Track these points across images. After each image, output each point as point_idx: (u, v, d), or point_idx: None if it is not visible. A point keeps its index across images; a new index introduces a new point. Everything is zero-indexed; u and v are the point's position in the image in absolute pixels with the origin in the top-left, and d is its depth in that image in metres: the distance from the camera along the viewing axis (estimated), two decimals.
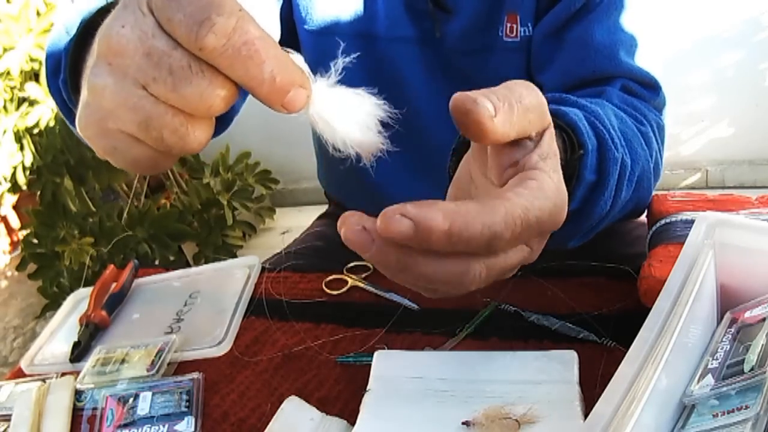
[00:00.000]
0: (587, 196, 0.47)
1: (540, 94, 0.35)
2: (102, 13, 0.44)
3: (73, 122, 0.57)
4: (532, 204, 0.31)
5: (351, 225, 0.30)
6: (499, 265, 0.33)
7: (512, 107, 0.32)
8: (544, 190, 0.32)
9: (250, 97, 0.32)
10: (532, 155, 0.34)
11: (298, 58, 0.32)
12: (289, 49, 0.32)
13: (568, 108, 0.47)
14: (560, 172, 0.35)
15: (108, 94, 0.30)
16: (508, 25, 0.65)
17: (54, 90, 0.54)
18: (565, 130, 0.45)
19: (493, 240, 0.30)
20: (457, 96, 0.32)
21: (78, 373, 0.60)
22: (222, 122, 0.68)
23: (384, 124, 0.37)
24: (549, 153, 0.35)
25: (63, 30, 0.52)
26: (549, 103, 0.50)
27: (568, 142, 0.44)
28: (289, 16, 0.73)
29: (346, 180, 0.86)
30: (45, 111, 1.51)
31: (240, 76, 0.29)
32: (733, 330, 0.39)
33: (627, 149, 0.51)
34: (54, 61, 0.53)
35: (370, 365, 0.51)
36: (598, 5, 0.61)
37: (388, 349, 0.54)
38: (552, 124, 0.36)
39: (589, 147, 0.45)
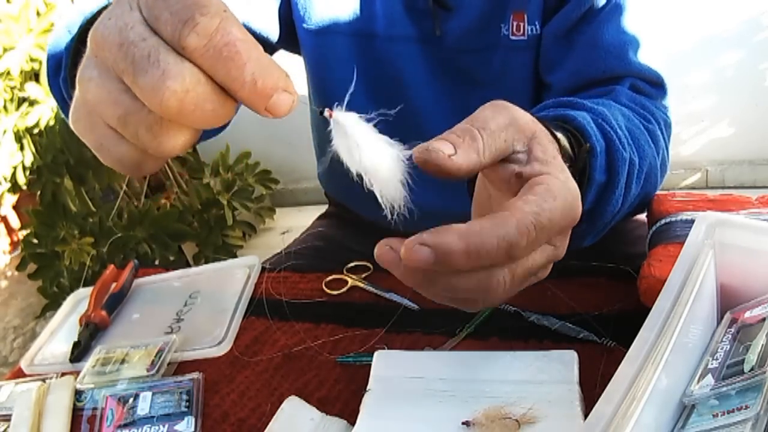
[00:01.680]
0: (599, 196, 0.48)
1: (511, 111, 0.36)
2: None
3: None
4: (542, 207, 0.32)
5: (381, 246, 0.34)
6: (524, 269, 0.34)
7: (475, 137, 0.34)
8: (552, 192, 0.33)
9: None
10: (533, 165, 0.36)
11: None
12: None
13: (575, 112, 0.48)
14: (567, 171, 0.36)
15: (93, 87, 0.30)
16: (515, 23, 0.65)
17: (55, 89, 0.54)
18: (574, 134, 0.46)
19: (511, 249, 0.31)
20: (415, 151, 0.34)
21: (78, 373, 0.60)
22: None
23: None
24: (547, 157, 0.36)
25: (65, 30, 0.53)
26: (556, 107, 0.51)
27: (576, 145, 0.45)
28: (288, 15, 0.73)
29: (345, 180, 0.86)
30: (45, 111, 1.51)
31: (221, 78, 0.28)
32: (733, 330, 0.39)
33: (635, 147, 0.52)
34: (55, 60, 0.53)
35: (370, 365, 0.51)
36: (607, 6, 0.61)
37: (388, 349, 0.54)
38: (538, 131, 0.37)
39: (597, 149, 0.46)
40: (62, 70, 0.49)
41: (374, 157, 0.34)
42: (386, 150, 0.35)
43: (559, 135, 0.42)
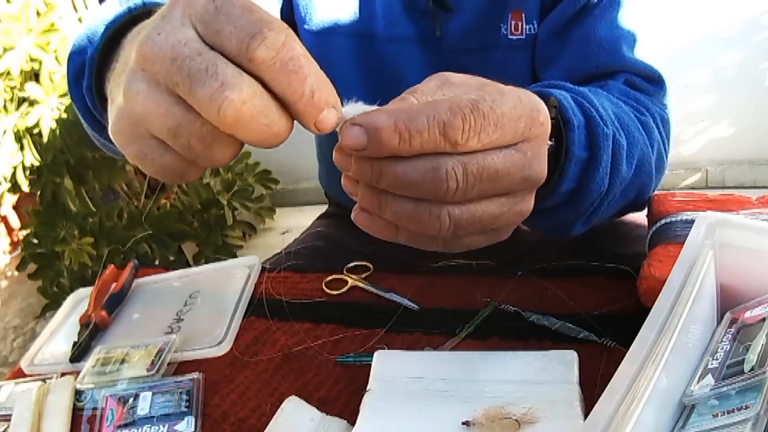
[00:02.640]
0: (582, 173, 0.47)
1: (444, 75, 0.37)
2: (127, 23, 0.46)
3: (94, 128, 0.57)
4: (482, 97, 0.32)
5: (336, 153, 0.34)
6: (479, 166, 0.33)
7: (404, 98, 0.35)
8: (499, 89, 0.34)
9: None
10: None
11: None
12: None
13: (554, 90, 0.47)
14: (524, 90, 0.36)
15: (141, 100, 0.31)
16: (513, 22, 0.65)
17: (76, 96, 0.55)
18: (551, 109, 0.44)
19: (447, 131, 0.31)
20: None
21: (78, 373, 0.60)
22: None
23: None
24: (504, 89, 0.36)
25: (85, 37, 0.53)
26: (537, 87, 0.50)
27: (554, 121, 0.43)
28: (290, 15, 0.73)
29: None
30: (45, 111, 1.51)
31: (283, 89, 0.30)
32: (733, 330, 0.39)
33: (621, 130, 0.51)
34: (75, 68, 0.53)
35: (370, 365, 0.51)
36: (600, 2, 0.61)
37: (388, 349, 0.54)
38: (490, 82, 0.38)
39: (575, 123, 0.45)
40: (85, 79, 0.50)
41: None
42: None
43: None
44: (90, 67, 0.49)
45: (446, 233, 0.34)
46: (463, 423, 0.43)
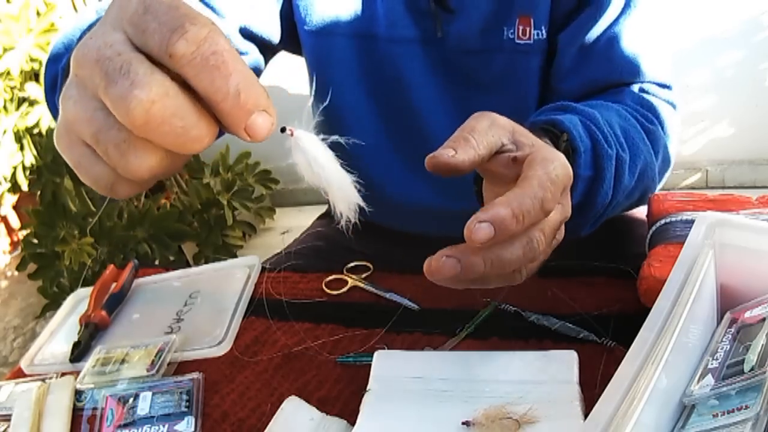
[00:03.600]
0: (587, 189, 0.54)
1: (490, 116, 0.43)
2: None
3: None
4: (547, 168, 0.39)
5: (436, 259, 0.39)
6: (549, 226, 0.40)
7: (467, 138, 0.41)
8: (547, 157, 0.40)
9: None
10: (522, 148, 0.43)
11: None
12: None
13: (564, 116, 0.54)
14: (550, 145, 0.45)
15: (71, 105, 0.30)
16: (521, 27, 0.65)
17: (51, 105, 0.55)
18: (559, 135, 0.52)
19: (544, 204, 0.38)
20: (426, 161, 0.41)
21: (78, 373, 0.60)
22: None
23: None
24: (531, 140, 0.43)
25: (62, 46, 0.53)
26: (550, 111, 0.57)
27: (563, 146, 0.52)
28: (290, 16, 0.73)
29: None
30: (45, 111, 1.51)
31: (205, 87, 0.28)
32: (733, 330, 0.39)
33: (626, 144, 0.57)
34: (51, 77, 0.54)
35: (370, 365, 0.51)
36: (621, 17, 0.63)
37: (388, 349, 0.54)
38: (516, 126, 0.44)
39: (581, 149, 0.51)
40: (57, 89, 0.50)
41: (331, 174, 0.37)
42: (340, 169, 0.38)
43: (541, 136, 0.49)
44: (62, 77, 0.49)
45: (520, 280, 0.42)
46: (463, 423, 0.43)
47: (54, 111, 0.55)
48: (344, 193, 0.38)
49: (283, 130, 0.34)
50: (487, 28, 0.66)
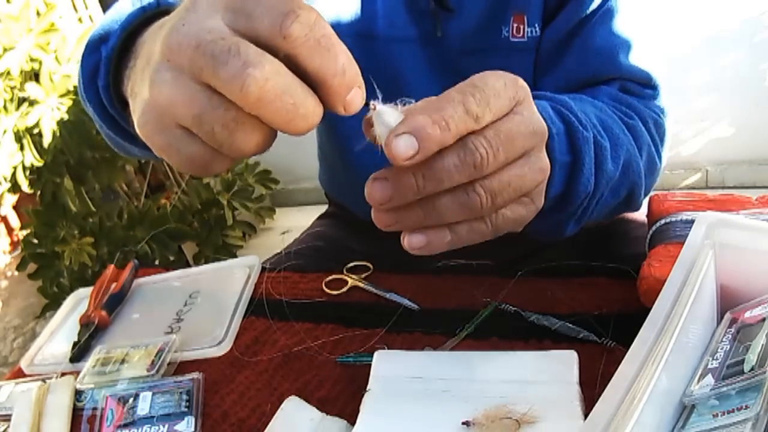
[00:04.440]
0: (567, 177, 0.49)
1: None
2: (142, 22, 0.46)
3: (109, 125, 0.58)
4: (473, 79, 0.37)
5: (367, 184, 0.37)
6: (496, 131, 0.36)
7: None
8: (482, 73, 0.38)
9: None
10: None
11: None
12: None
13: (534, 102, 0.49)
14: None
15: (166, 89, 0.31)
16: (515, 25, 0.65)
17: (92, 95, 0.55)
18: None
19: (468, 107, 0.35)
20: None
21: (78, 373, 0.60)
22: None
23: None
24: None
25: (98, 38, 0.53)
26: None
27: None
28: None
29: (346, 181, 0.86)
30: (45, 111, 1.51)
31: (316, 66, 0.30)
32: (733, 330, 0.39)
33: (604, 132, 0.52)
34: (90, 68, 0.54)
35: (370, 365, 0.51)
36: (599, 10, 0.62)
37: (388, 349, 0.54)
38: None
39: (554, 131, 0.46)
40: (101, 78, 0.50)
41: None
42: None
43: None
44: (106, 66, 0.49)
45: (487, 207, 0.37)
46: (463, 423, 0.43)
47: (93, 98, 0.54)
48: None
49: (366, 104, 0.35)
50: (485, 26, 0.66)
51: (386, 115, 0.35)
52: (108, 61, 0.48)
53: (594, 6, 0.62)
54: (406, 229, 0.39)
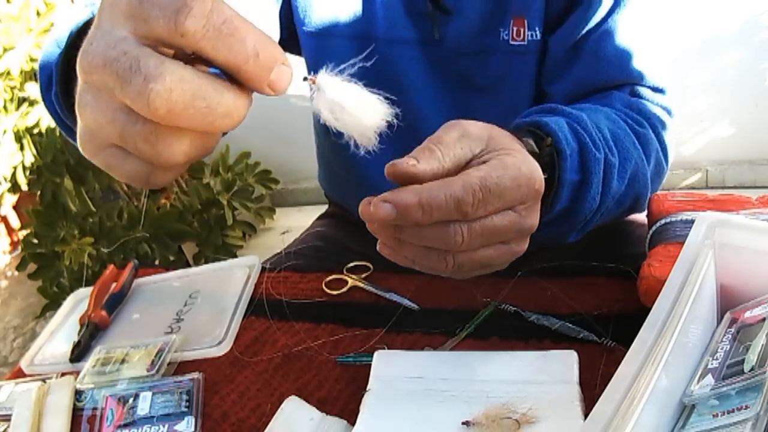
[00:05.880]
0: (574, 195, 0.52)
1: (461, 125, 0.43)
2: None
3: (68, 133, 0.57)
4: (489, 173, 0.39)
5: (364, 203, 0.40)
6: (483, 226, 0.40)
7: (432, 150, 0.40)
8: (502, 162, 0.40)
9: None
10: (490, 154, 0.42)
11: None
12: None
13: (550, 117, 0.52)
14: (525, 153, 0.43)
15: (89, 112, 0.31)
16: (515, 28, 0.65)
17: (48, 103, 0.55)
18: (543, 137, 0.50)
19: (460, 205, 0.38)
20: (387, 168, 0.40)
21: (78, 373, 0.60)
22: None
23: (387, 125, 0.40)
24: (504, 146, 0.42)
25: (54, 44, 0.53)
26: (537, 113, 0.56)
27: (547, 150, 0.50)
28: (289, 17, 0.73)
29: (345, 182, 0.86)
30: (45, 111, 1.51)
31: (225, 56, 0.29)
32: (733, 330, 0.39)
33: (615, 148, 0.55)
34: (46, 75, 0.53)
35: (370, 365, 0.51)
36: (609, 17, 0.62)
37: (388, 349, 0.54)
38: (494, 132, 0.44)
39: (567, 152, 0.49)
40: (53, 85, 0.50)
41: (355, 110, 0.37)
42: (368, 100, 0.39)
43: (526, 139, 0.49)
44: (56, 75, 0.49)
45: (450, 271, 0.42)
46: (463, 423, 0.43)
47: (50, 107, 0.54)
48: (372, 120, 0.38)
49: (305, 79, 0.35)
50: (483, 29, 0.66)
51: (328, 91, 0.35)
52: (57, 69, 0.48)
53: (603, 12, 0.62)
54: (381, 241, 0.43)
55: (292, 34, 0.74)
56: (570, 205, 0.52)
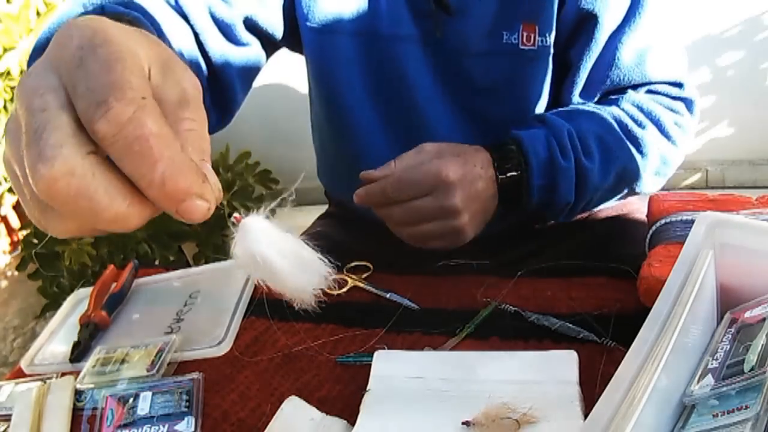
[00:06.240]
0: (543, 194, 0.63)
1: (422, 146, 0.61)
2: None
3: None
4: (404, 171, 0.58)
5: (358, 193, 0.61)
6: (408, 207, 0.58)
7: (389, 163, 0.60)
8: (418, 164, 0.58)
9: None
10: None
11: (207, 169, 0.29)
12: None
13: (528, 131, 0.64)
14: (454, 159, 0.59)
15: (7, 143, 0.29)
16: (525, 33, 0.66)
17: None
18: (517, 148, 0.63)
19: (384, 193, 0.59)
20: (361, 175, 0.61)
21: (78, 373, 0.60)
22: (223, 112, 0.67)
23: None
24: (438, 155, 0.60)
25: (45, 41, 0.53)
26: (531, 121, 0.68)
27: (518, 155, 0.62)
28: (292, 12, 0.73)
29: (346, 179, 0.86)
30: None
31: (129, 172, 0.26)
32: (733, 330, 0.39)
33: (597, 151, 0.64)
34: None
35: (370, 365, 0.51)
36: (626, 25, 0.65)
37: (388, 349, 0.54)
38: (443, 148, 0.61)
39: (533, 161, 0.62)
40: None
41: (285, 263, 0.35)
42: (302, 252, 0.36)
43: (496, 154, 0.62)
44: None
45: (409, 240, 0.61)
46: (463, 423, 0.43)
47: None
48: (301, 281, 0.36)
49: (229, 216, 0.33)
50: (486, 31, 0.66)
51: (250, 234, 0.33)
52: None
53: (618, 19, 0.64)
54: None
55: (294, 30, 0.74)
56: (543, 201, 0.64)
